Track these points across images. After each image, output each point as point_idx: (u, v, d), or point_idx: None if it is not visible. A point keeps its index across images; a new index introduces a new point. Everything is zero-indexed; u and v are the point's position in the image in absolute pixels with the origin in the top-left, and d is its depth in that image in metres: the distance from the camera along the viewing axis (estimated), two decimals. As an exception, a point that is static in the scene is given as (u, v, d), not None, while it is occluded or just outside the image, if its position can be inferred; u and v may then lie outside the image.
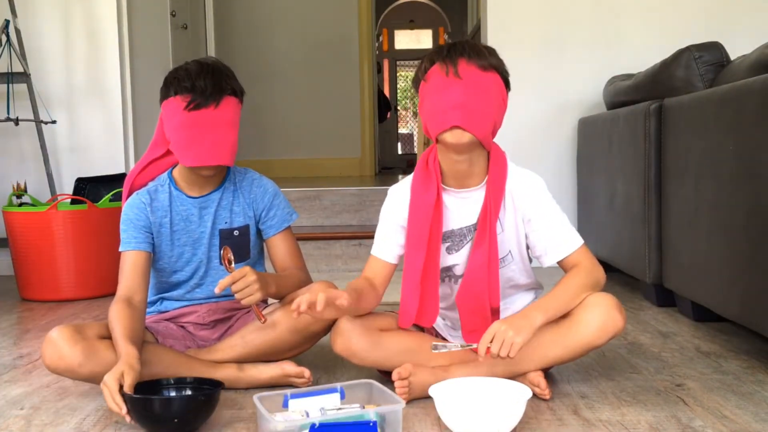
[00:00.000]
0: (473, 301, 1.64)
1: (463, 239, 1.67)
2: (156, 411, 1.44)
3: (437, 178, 1.64)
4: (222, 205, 1.81)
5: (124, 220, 1.77)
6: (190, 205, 1.79)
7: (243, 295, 1.62)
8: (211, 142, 1.68)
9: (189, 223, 1.79)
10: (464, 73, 1.53)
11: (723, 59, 2.31)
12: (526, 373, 1.62)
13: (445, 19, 11.46)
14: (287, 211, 1.88)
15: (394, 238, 1.71)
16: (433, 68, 1.56)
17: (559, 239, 1.65)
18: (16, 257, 2.96)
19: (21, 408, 1.66)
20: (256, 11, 6.07)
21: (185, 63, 1.75)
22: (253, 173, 1.89)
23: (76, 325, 1.62)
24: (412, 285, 1.65)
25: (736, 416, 1.49)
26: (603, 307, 1.58)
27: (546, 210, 1.65)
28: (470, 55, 1.54)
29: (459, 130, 1.52)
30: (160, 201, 1.79)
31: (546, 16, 3.48)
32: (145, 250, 1.74)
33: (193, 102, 1.66)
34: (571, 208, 3.41)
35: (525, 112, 3.47)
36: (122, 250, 1.75)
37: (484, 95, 1.54)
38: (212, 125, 1.68)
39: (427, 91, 1.57)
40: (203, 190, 1.80)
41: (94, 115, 3.65)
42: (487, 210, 1.61)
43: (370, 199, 3.71)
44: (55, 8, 3.62)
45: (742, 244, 1.84)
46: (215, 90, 1.67)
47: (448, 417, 1.42)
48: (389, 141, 10.33)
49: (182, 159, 1.73)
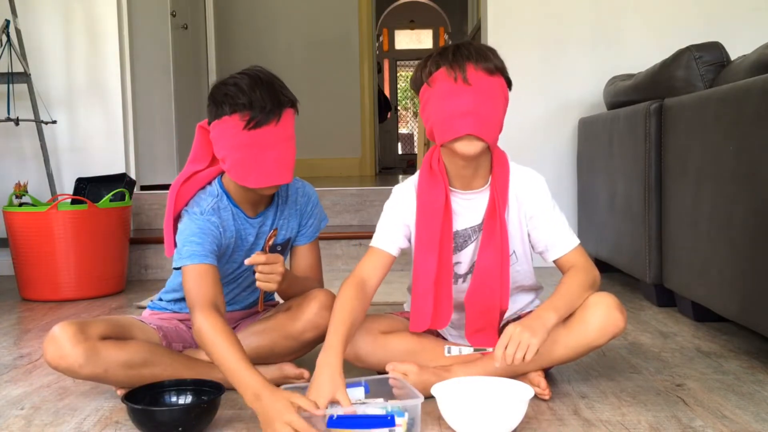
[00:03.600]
0: (483, 300, 1.64)
1: (467, 240, 1.68)
2: (160, 420, 1.44)
3: (444, 181, 1.63)
4: (275, 223, 1.77)
5: (195, 233, 1.61)
6: (249, 226, 1.73)
7: (265, 279, 1.61)
8: (273, 160, 1.58)
9: (247, 243, 1.73)
10: (473, 79, 1.50)
11: (723, 59, 2.31)
12: (527, 373, 1.62)
13: (446, 19, 11.46)
14: (320, 218, 1.85)
15: (398, 231, 1.69)
16: (439, 72, 1.52)
17: (560, 237, 1.66)
18: (16, 257, 2.96)
19: (21, 408, 1.66)
20: (257, 11, 6.07)
21: (231, 77, 1.61)
22: (295, 181, 1.80)
23: (80, 322, 1.56)
24: (425, 288, 1.63)
25: (736, 416, 1.49)
26: (604, 307, 1.58)
27: (548, 207, 1.66)
28: (477, 60, 1.51)
29: (471, 138, 1.51)
30: (225, 221, 1.68)
31: (546, 16, 3.48)
32: (216, 265, 1.63)
33: (254, 120, 1.55)
34: (571, 208, 3.41)
35: (525, 112, 3.47)
36: (197, 263, 1.58)
37: (494, 101, 1.52)
38: (274, 142, 1.57)
39: (433, 96, 1.54)
40: (258, 208, 1.74)
41: (94, 115, 3.66)
42: (495, 209, 1.61)
43: (370, 199, 3.71)
44: (55, 8, 3.63)
45: (743, 244, 1.84)
46: (274, 104, 1.56)
47: (451, 416, 1.42)
48: (389, 141, 10.34)
49: (243, 180, 1.61)
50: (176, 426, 1.42)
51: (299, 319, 1.69)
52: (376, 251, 1.69)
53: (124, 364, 1.57)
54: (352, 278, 1.64)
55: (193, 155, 1.72)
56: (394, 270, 1.75)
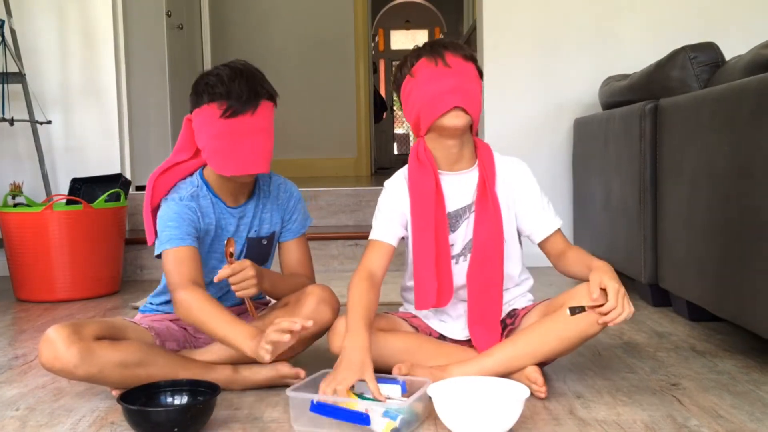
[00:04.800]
0: (485, 274, 1.69)
1: (459, 219, 1.73)
2: (155, 421, 1.43)
3: (432, 164, 1.71)
4: (257, 215, 1.79)
5: (172, 218, 1.67)
6: (229, 215, 1.76)
7: (239, 288, 1.64)
8: (249, 149, 1.63)
9: (227, 233, 1.76)
10: (452, 62, 1.63)
11: (718, 60, 2.32)
12: (522, 368, 1.62)
13: (441, 20, 11.48)
14: (305, 215, 1.88)
15: (395, 221, 1.75)
16: (420, 62, 1.65)
17: (547, 218, 1.75)
18: (11, 258, 2.96)
19: (16, 409, 1.65)
20: (252, 11, 6.06)
21: (214, 68, 1.68)
22: (277, 177, 1.86)
23: (74, 324, 1.57)
24: (427, 266, 1.69)
25: (731, 416, 1.50)
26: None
27: (535, 189, 1.76)
28: (453, 48, 1.66)
29: (458, 110, 1.62)
30: (204, 208, 1.73)
31: (541, 16, 3.48)
32: (196, 247, 1.67)
33: (230, 109, 1.61)
34: (566, 209, 3.42)
35: (520, 112, 3.48)
36: (176, 246, 1.63)
37: (473, 82, 1.65)
38: (250, 132, 1.63)
39: (416, 85, 1.66)
40: (239, 200, 1.77)
41: (89, 115, 3.65)
42: (485, 185, 1.70)
43: (366, 199, 3.71)
44: (50, 8, 3.62)
45: (737, 244, 1.85)
46: (251, 95, 1.62)
47: (446, 416, 1.42)
48: (385, 141, 10.33)
49: (220, 168, 1.67)
50: (172, 426, 1.42)
51: (297, 314, 1.69)
52: (377, 243, 1.75)
53: (119, 364, 1.56)
54: (361, 271, 1.70)
55: (178, 146, 1.78)
56: (390, 270, 1.76)
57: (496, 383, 1.51)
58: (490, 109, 3.49)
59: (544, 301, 1.74)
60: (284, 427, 1.48)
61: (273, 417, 1.54)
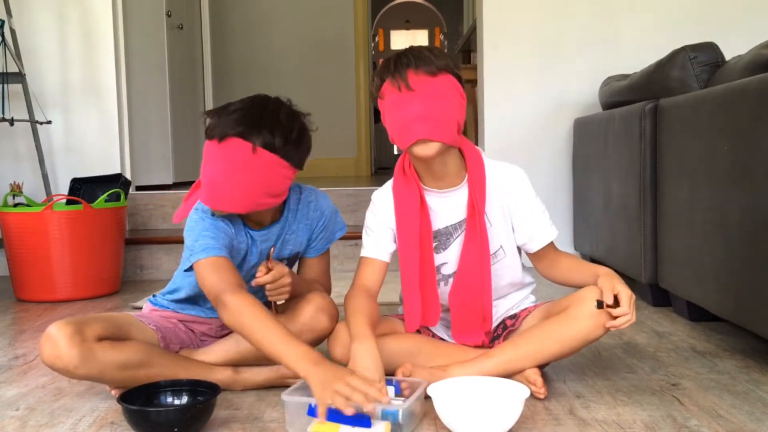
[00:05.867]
0: (466, 296, 1.66)
1: (450, 237, 1.70)
2: (155, 421, 1.43)
3: (416, 181, 1.67)
4: (281, 237, 1.75)
5: (208, 228, 1.62)
6: (251, 239, 1.72)
7: (274, 294, 1.65)
8: (208, 180, 1.60)
9: (249, 254, 1.73)
10: (415, 84, 1.53)
11: (718, 60, 2.32)
12: (522, 370, 1.62)
13: (441, 20, 11.48)
14: (333, 230, 1.84)
15: (384, 236, 1.72)
16: (385, 85, 1.57)
17: (543, 228, 1.71)
18: (11, 258, 2.96)
19: (16, 409, 1.65)
20: (252, 12, 6.06)
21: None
22: (309, 193, 1.80)
23: (77, 322, 1.55)
24: (412, 287, 1.67)
25: (731, 416, 1.50)
26: (596, 298, 1.58)
27: (531, 198, 1.71)
28: (417, 65, 1.53)
29: (425, 141, 1.54)
30: (234, 228, 1.68)
31: (542, 16, 3.48)
32: (230, 260, 1.62)
33: (208, 128, 1.61)
34: (566, 209, 3.41)
35: (520, 113, 3.48)
36: (213, 255, 1.57)
37: (441, 101, 1.53)
38: (211, 161, 1.60)
39: (386, 108, 1.59)
40: (263, 223, 1.73)
41: (89, 115, 3.65)
42: (474, 206, 1.64)
43: (366, 199, 3.66)
44: (50, 8, 3.62)
45: (737, 244, 1.85)
46: (230, 124, 1.59)
47: (447, 416, 1.42)
48: (385, 141, 10.32)
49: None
50: (172, 427, 1.42)
51: (295, 321, 1.69)
52: (368, 261, 1.73)
53: (120, 365, 1.56)
54: (355, 288, 1.68)
55: None
56: (390, 270, 1.76)
57: (496, 383, 1.51)
58: (490, 109, 3.49)
59: (546, 303, 1.74)
60: (284, 427, 1.48)
61: (273, 417, 1.54)
